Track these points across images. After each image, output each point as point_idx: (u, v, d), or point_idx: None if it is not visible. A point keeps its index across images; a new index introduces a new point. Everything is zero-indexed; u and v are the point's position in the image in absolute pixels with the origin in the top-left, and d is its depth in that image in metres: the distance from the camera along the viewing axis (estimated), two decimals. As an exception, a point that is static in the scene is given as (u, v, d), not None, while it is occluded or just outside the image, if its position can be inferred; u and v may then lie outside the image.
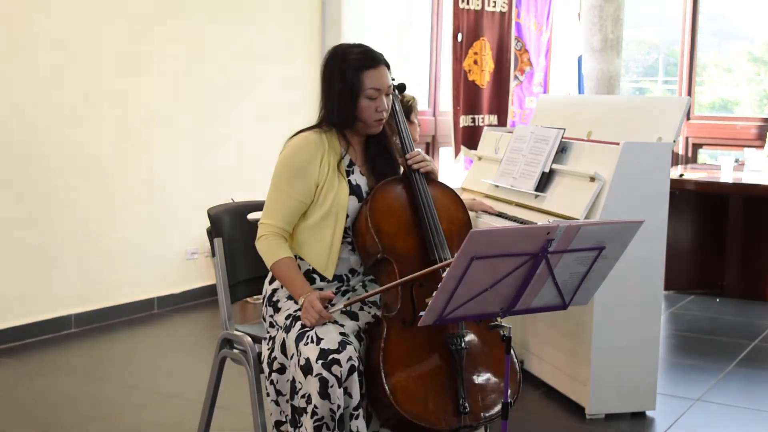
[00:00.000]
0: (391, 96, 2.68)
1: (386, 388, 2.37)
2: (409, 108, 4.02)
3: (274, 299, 2.66)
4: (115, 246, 5.00)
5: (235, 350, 2.82)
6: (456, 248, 2.65)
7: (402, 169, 2.75)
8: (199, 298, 5.49)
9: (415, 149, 2.76)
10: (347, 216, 2.61)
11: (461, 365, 2.45)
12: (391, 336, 2.44)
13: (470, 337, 2.54)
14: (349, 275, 2.67)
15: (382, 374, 2.38)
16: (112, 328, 4.87)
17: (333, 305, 2.52)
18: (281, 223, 2.61)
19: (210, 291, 5.47)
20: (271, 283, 2.71)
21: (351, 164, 2.68)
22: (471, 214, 4.02)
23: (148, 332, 4.87)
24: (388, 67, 2.66)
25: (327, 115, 2.67)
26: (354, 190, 2.64)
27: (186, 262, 5.43)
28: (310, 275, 2.64)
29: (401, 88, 2.96)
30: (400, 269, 2.53)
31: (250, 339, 2.73)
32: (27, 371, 4.17)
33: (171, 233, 5.31)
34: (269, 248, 2.60)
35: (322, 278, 2.64)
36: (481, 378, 2.51)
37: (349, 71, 2.60)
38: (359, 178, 2.68)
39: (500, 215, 3.92)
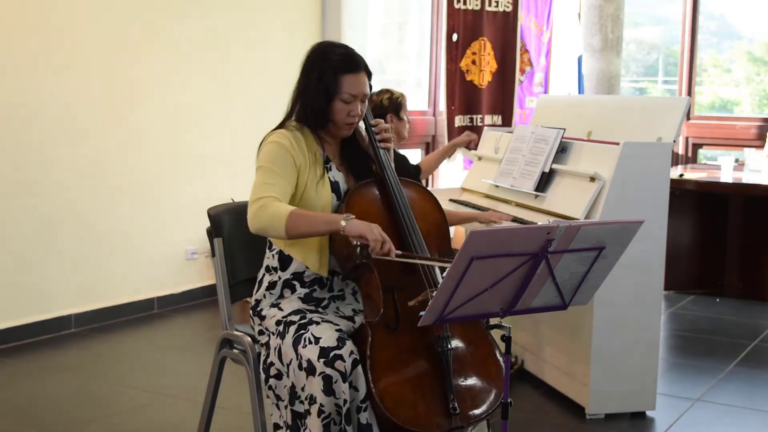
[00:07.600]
0: (366, 103, 2.65)
1: (374, 394, 2.36)
2: (398, 104, 3.99)
3: (258, 309, 2.65)
4: (115, 246, 5.00)
5: (235, 350, 2.81)
6: (434, 247, 2.65)
7: (375, 168, 2.72)
8: (199, 298, 5.49)
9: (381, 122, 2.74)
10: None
11: (448, 367, 2.44)
12: (375, 342, 2.43)
13: (456, 337, 2.53)
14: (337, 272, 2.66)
15: (370, 381, 2.37)
16: (111, 328, 4.87)
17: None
18: (276, 194, 2.50)
19: (210, 291, 5.47)
20: (254, 294, 2.69)
21: (327, 161, 2.67)
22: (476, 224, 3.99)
23: (148, 332, 4.87)
24: (369, 75, 2.64)
25: (300, 112, 2.65)
26: (333, 187, 2.63)
27: (186, 262, 5.43)
28: (300, 276, 2.62)
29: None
30: (380, 272, 2.51)
31: (250, 339, 2.73)
32: (26, 371, 4.16)
33: (171, 233, 5.31)
34: (274, 211, 2.44)
35: (306, 283, 2.62)
36: (469, 378, 2.50)
37: (328, 72, 2.58)
38: (336, 175, 2.67)
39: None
